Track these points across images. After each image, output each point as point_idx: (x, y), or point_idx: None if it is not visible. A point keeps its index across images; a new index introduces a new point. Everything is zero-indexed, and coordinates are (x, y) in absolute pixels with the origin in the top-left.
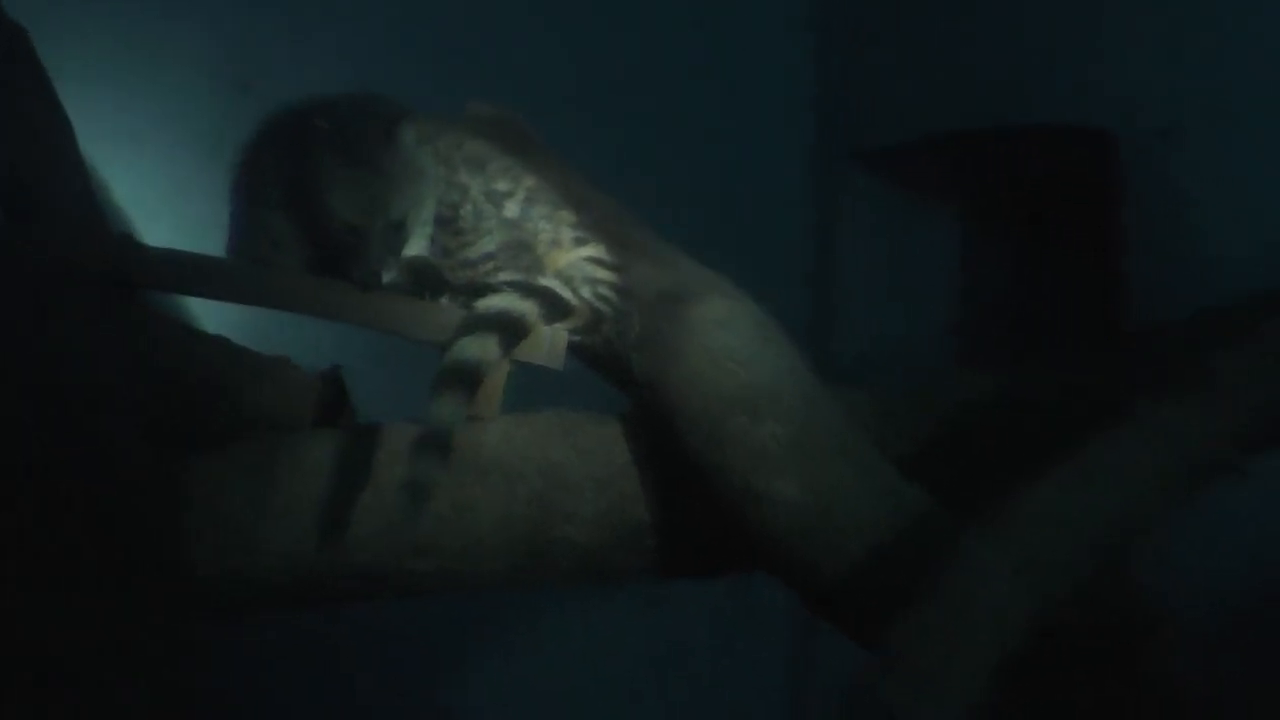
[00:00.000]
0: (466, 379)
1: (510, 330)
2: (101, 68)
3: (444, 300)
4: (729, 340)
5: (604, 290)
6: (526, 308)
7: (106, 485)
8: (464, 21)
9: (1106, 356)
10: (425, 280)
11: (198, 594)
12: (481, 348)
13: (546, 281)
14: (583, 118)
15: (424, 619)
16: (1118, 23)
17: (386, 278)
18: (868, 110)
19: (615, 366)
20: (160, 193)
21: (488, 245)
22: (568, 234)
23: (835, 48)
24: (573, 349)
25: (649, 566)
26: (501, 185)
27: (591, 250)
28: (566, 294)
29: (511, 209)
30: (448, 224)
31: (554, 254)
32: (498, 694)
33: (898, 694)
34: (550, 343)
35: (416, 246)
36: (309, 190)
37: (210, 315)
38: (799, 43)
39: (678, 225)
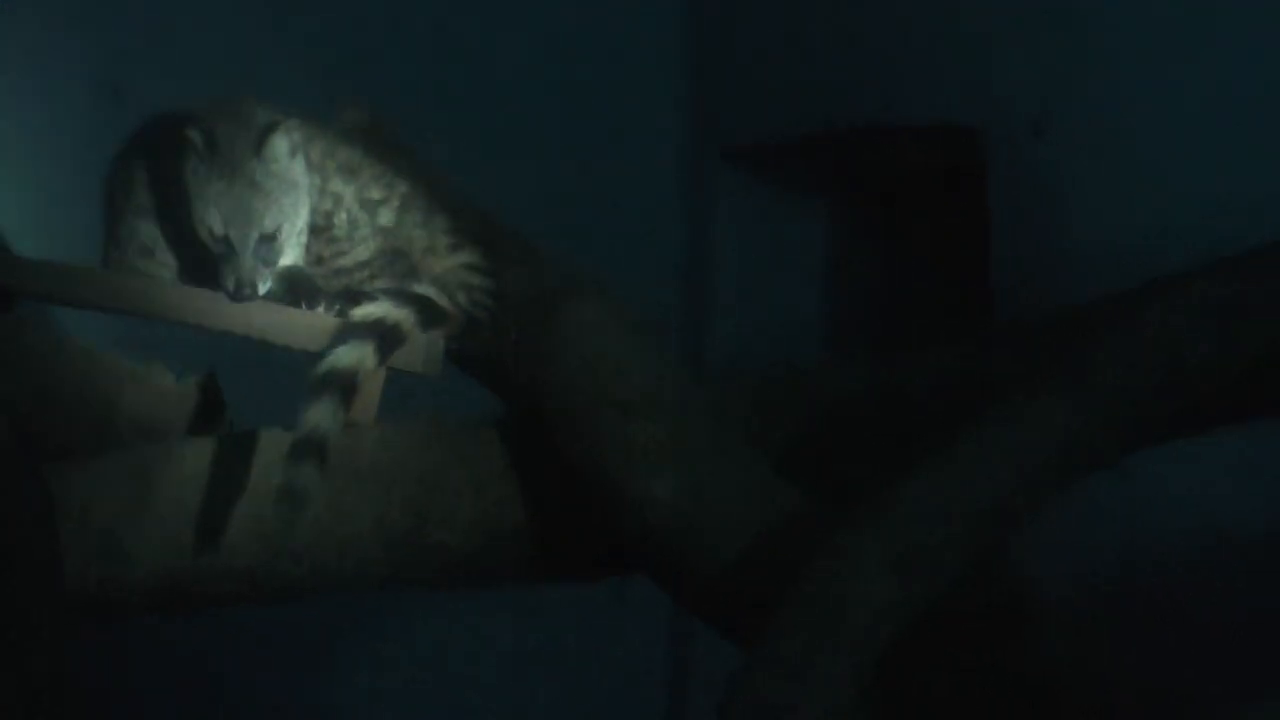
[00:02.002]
0: (342, 386)
1: (386, 337)
2: None
3: (319, 308)
4: (601, 342)
5: (479, 296)
6: (402, 315)
7: None
8: (333, 25)
9: (977, 348)
10: (300, 289)
11: (70, 600)
12: (358, 355)
13: (422, 288)
14: (452, 119)
15: (295, 621)
16: (982, 19)
17: (262, 289)
18: (738, 108)
19: (491, 371)
20: (30, 200)
21: (362, 253)
22: (442, 240)
23: (706, 46)
24: (449, 355)
25: (525, 570)
26: (375, 193)
27: (466, 256)
28: (443, 301)
29: (386, 216)
30: (322, 232)
31: (429, 261)
32: (371, 696)
33: (771, 688)
34: (427, 350)
35: (291, 256)
36: (180, 200)
37: (83, 324)
38: (670, 41)
39: (549, 225)
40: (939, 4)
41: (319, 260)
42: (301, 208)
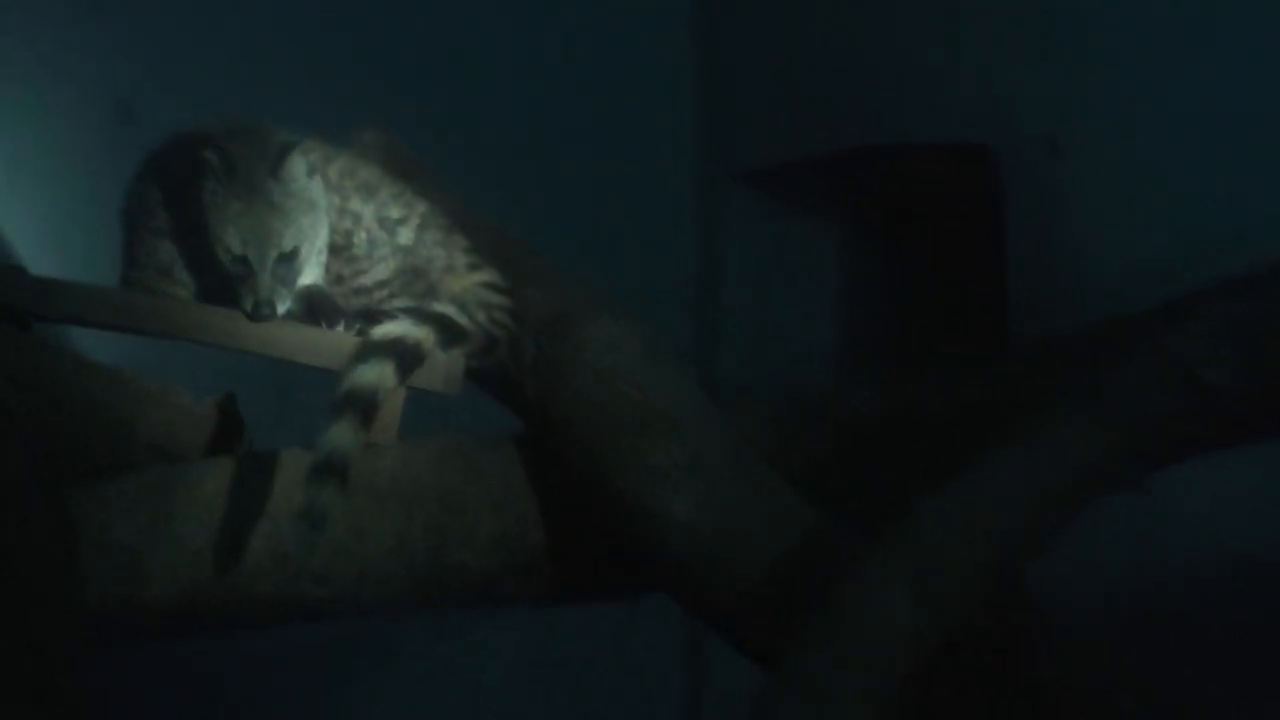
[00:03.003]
0: (363, 406)
1: (406, 357)
2: None
3: (339, 328)
4: (619, 361)
5: (498, 315)
6: (422, 334)
7: None
8: (348, 52)
9: (995, 371)
10: (319, 308)
11: (88, 624)
12: (378, 374)
13: (441, 307)
14: (467, 142)
15: (310, 640)
16: (996, 37)
17: (281, 309)
18: (749, 129)
19: (510, 390)
20: (45, 221)
21: (381, 272)
22: (461, 259)
23: (716, 66)
24: (468, 374)
25: (544, 590)
26: (394, 212)
27: (485, 275)
28: (462, 319)
29: (405, 235)
30: (341, 251)
31: (448, 280)
32: (387, 714)
33: (793, 711)
34: (447, 369)
35: (310, 275)
36: (198, 220)
37: (101, 345)
38: (681, 64)
39: (563, 247)
40: (952, 22)
41: (338, 279)
42: (320, 227)
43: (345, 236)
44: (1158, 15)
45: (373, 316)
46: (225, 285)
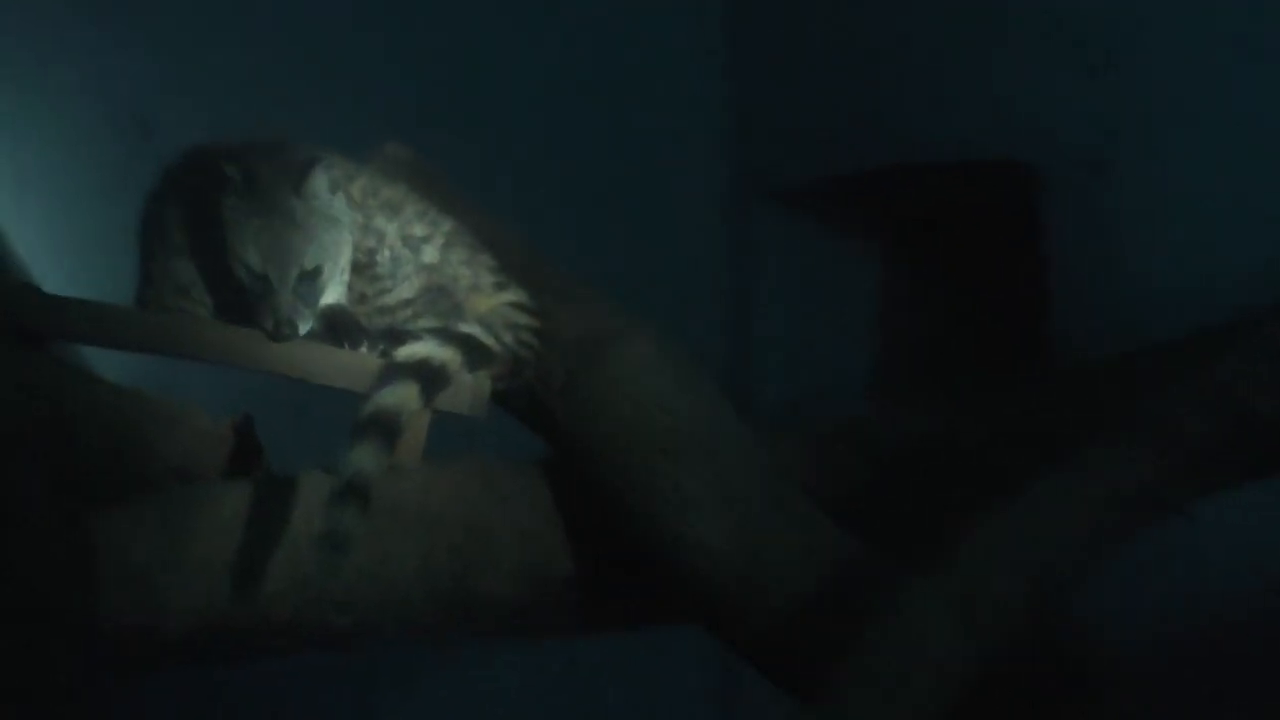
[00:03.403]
0: (386, 428)
1: (431, 378)
2: None
3: (362, 348)
4: (652, 384)
5: (526, 336)
6: (447, 355)
7: (9, 538)
8: (371, 63)
9: (1035, 396)
10: (342, 328)
11: (104, 649)
12: (402, 396)
13: (467, 328)
14: (496, 161)
15: (332, 670)
16: (1038, 54)
17: (303, 328)
18: (785, 147)
19: (537, 413)
20: (60, 238)
21: (406, 291)
22: (488, 278)
23: (750, 86)
24: (494, 396)
25: (572, 619)
26: (419, 230)
27: (512, 295)
28: (488, 340)
29: (430, 254)
30: (364, 270)
31: (474, 299)
32: None
33: None
34: (472, 391)
35: (333, 294)
36: (217, 238)
37: (117, 365)
38: (713, 82)
39: (594, 266)
40: (992, 37)
41: (362, 299)
42: (343, 245)
43: (368, 254)
44: (1203, 33)
45: (397, 337)
46: (245, 304)
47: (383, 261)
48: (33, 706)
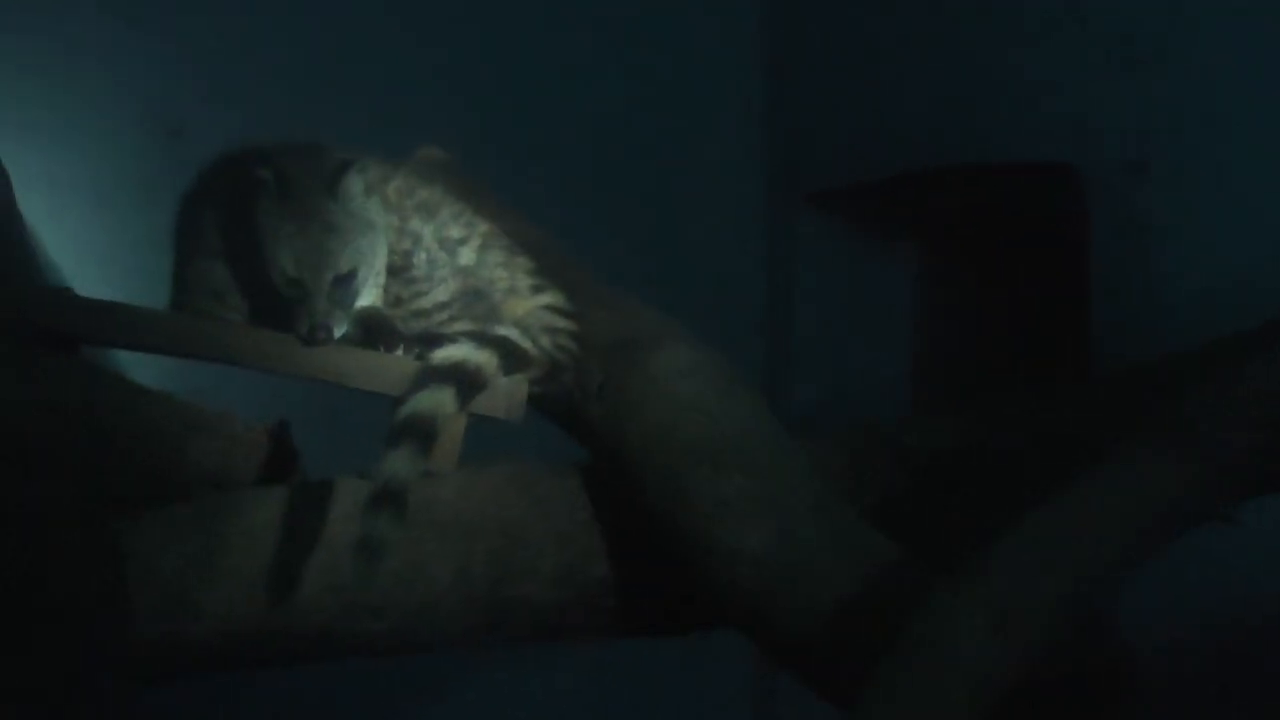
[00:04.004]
0: (422, 433)
1: (468, 382)
2: (32, 115)
3: (398, 351)
4: (691, 389)
5: (563, 339)
6: (484, 358)
7: (40, 546)
8: (406, 67)
9: (1081, 400)
10: (377, 331)
11: (137, 657)
12: (437, 400)
13: (504, 331)
14: (533, 166)
15: (366, 676)
16: (1081, 54)
17: (337, 332)
18: (822, 150)
19: (574, 417)
20: (94, 242)
21: (442, 294)
22: (524, 281)
23: (788, 90)
24: (530, 399)
25: (609, 624)
26: (455, 232)
27: (549, 298)
28: (525, 343)
29: (466, 256)
30: (400, 273)
31: (511, 302)
32: None
33: None
34: (509, 394)
35: (368, 297)
36: (250, 241)
37: (151, 370)
38: (751, 87)
39: (632, 271)
40: (1033, 38)
41: (397, 301)
42: (378, 248)
43: (404, 257)
44: (1247, 34)
45: (432, 340)
46: (279, 308)
47: (419, 264)
48: (65, 713)
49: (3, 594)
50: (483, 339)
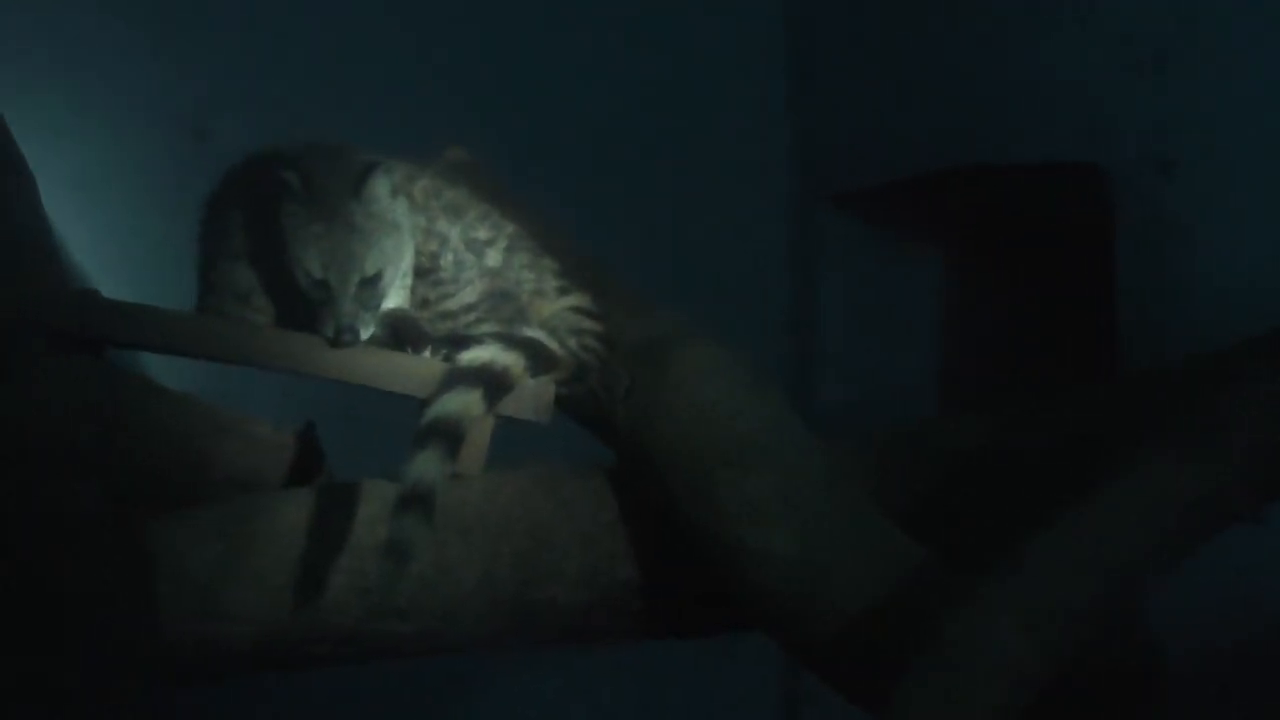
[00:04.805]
0: (449, 435)
1: (495, 384)
2: (57, 118)
3: (425, 353)
4: (717, 390)
5: (590, 341)
6: (511, 360)
7: (67, 547)
8: (431, 67)
9: (1106, 400)
10: (404, 333)
11: (163, 660)
12: (465, 402)
13: (531, 332)
14: (557, 168)
15: (399, 679)
16: (1105, 53)
17: (364, 334)
18: (847, 151)
19: (600, 419)
20: (119, 244)
21: (469, 295)
22: (551, 283)
23: (812, 91)
24: (558, 401)
25: (636, 626)
26: (482, 233)
27: (576, 299)
28: (552, 345)
29: (493, 257)
30: (427, 274)
31: (538, 303)
32: None
33: None
34: (536, 396)
35: (395, 299)
36: (276, 243)
37: (176, 372)
38: (774, 87)
39: (656, 273)
40: (1058, 37)
41: (424, 303)
42: (405, 249)
43: (431, 259)
44: (1271, 33)
45: (459, 341)
46: (305, 310)
47: (445, 265)
48: (91, 715)
49: (30, 595)
50: (510, 340)
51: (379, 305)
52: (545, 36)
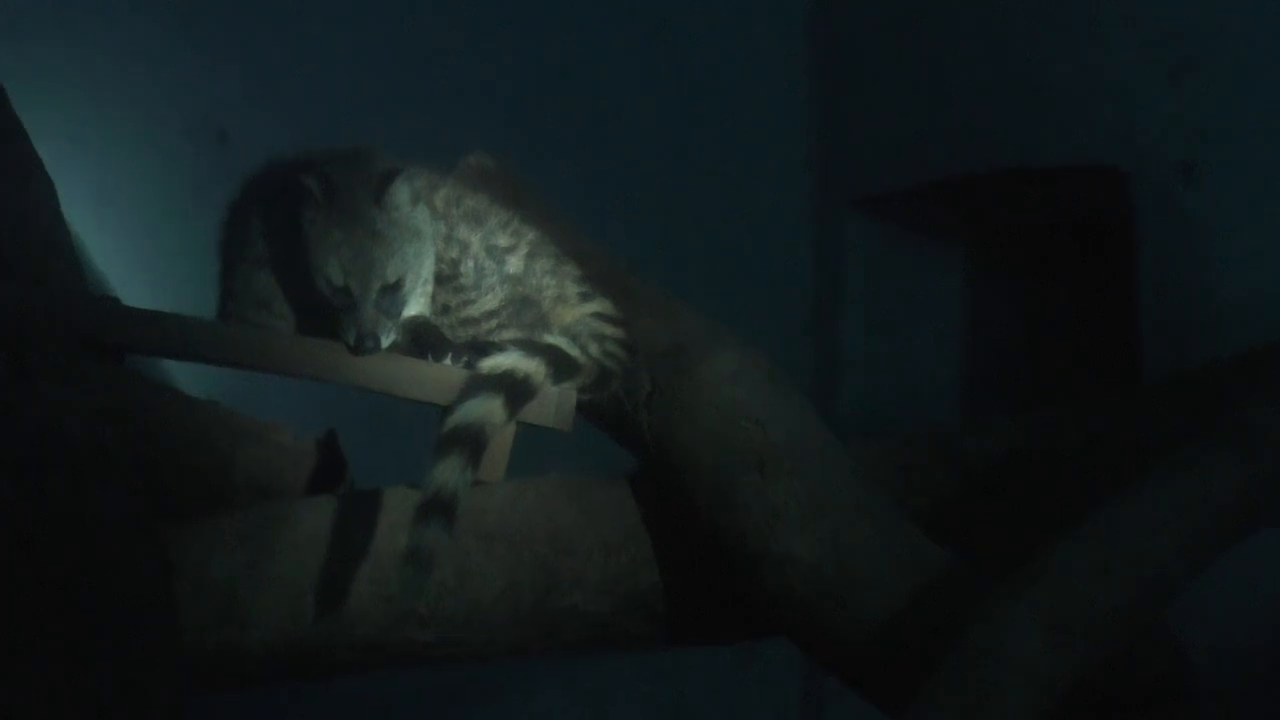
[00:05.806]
0: (471, 442)
1: (517, 391)
2: (77, 124)
3: (446, 360)
4: (740, 395)
5: (612, 347)
6: (533, 367)
7: (90, 555)
8: (454, 74)
9: (1129, 405)
10: (425, 340)
11: (184, 666)
12: (486, 409)
13: (552, 339)
14: (583, 170)
15: (421, 688)
16: (1130, 57)
17: (385, 341)
18: (870, 154)
19: (623, 425)
20: (140, 251)
21: (490, 302)
22: (573, 289)
23: (834, 94)
24: (579, 408)
25: (658, 633)
26: (503, 240)
27: (598, 305)
28: (574, 351)
29: (514, 264)
30: (448, 281)
31: (559, 310)
32: None
33: None
34: (558, 403)
35: (416, 306)
36: (297, 250)
37: (198, 379)
38: (798, 91)
39: (679, 276)
40: (1083, 41)
41: (445, 310)
42: (426, 256)
43: (452, 265)
44: None
45: (481, 348)
46: (326, 317)
47: (466, 272)
48: None
49: (53, 602)
50: (531, 347)
51: (400, 312)
52: (570, 41)
